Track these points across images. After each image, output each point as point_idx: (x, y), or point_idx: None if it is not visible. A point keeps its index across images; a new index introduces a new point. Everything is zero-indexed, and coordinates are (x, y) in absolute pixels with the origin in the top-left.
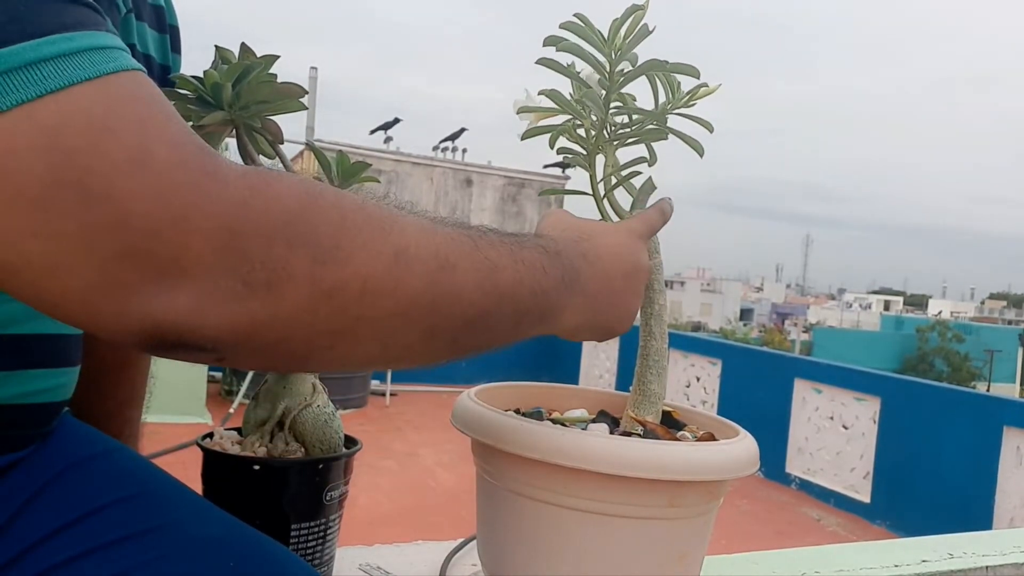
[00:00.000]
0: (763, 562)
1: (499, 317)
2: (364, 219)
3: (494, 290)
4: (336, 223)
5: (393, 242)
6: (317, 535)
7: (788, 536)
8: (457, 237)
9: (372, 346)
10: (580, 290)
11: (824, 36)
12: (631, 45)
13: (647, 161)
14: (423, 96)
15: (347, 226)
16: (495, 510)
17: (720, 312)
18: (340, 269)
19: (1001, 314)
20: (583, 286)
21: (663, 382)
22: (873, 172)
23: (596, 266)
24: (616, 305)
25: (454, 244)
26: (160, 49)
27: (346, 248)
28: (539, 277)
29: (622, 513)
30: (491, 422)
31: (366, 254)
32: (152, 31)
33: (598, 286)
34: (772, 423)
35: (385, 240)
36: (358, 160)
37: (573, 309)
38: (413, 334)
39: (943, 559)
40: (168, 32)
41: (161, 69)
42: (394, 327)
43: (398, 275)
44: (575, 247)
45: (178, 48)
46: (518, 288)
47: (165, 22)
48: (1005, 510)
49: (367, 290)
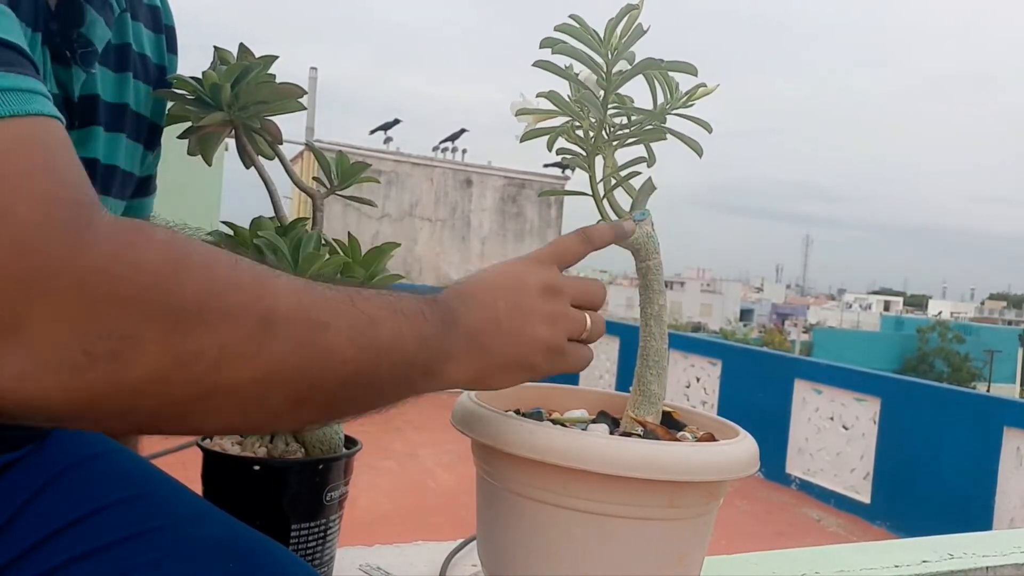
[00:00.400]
0: (763, 562)
1: (381, 372)
2: (232, 284)
3: (373, 344)
4: (201, 289)
5: (261, 306)
6: (317, 535)
7: (788, 537)
8: (332, 296)
9: (231, 414)
10: (463, 331)
11: (824, 36)
12: (627, 45)
13: (646, 161)
14: (423, 96)
15: (213, 291)
16: (495, 510)
17: (720, 312)
18: (197, 337)
19: (1001, 314)
20: (464, 326)
21: (663, 382)
22: (873, 172)
23: (471, 303)
24: (510, 334)
25: (328, 303)
26: (156, 49)
27: (208, 315)
28: (420, 324)
29: (622, 513)
30: (491, 422)
31: (228, 320)
32: (148, 31)
33: (479, 322)
34: (772, 424)
35: (253, 304)
36: (358, 160)
37: (461, 353)
38: (278, 400)
39: (943, 559)
40: (164, 32)
41: (157, 69)
42: (256, 394)
43: (261, 340)
44: (451, 290)
45: (175, 48)
46: (400, 340)
47: (161, 22)
48: (1005, 510)
49: (225, 357)
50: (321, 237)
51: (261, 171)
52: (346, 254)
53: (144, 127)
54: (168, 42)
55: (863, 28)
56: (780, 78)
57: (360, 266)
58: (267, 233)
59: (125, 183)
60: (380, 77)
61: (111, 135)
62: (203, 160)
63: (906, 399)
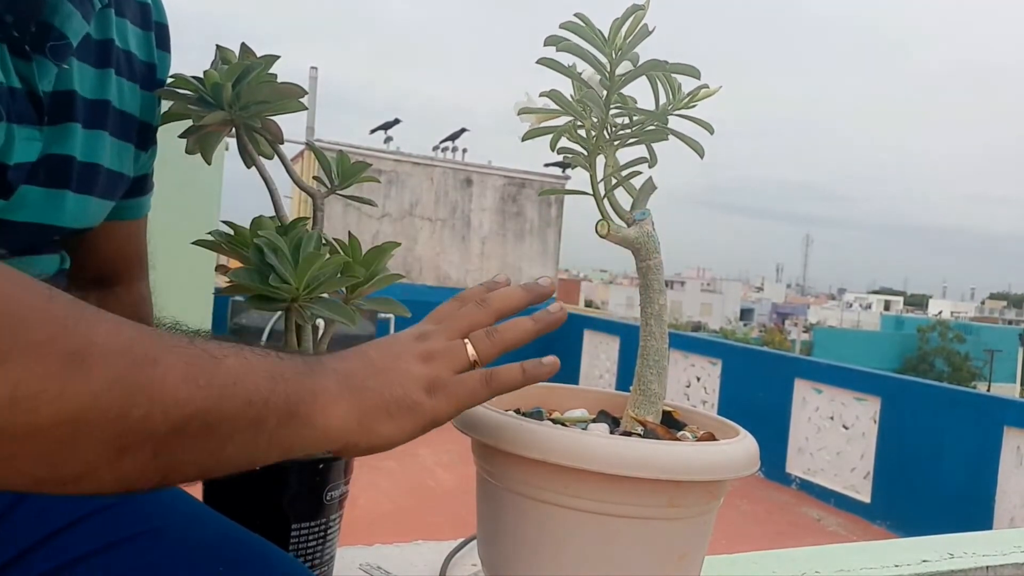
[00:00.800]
0: (763, 562)
1: (226, 414)
2: (40, 317)
3: (213, 381)
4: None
5: (72, 341)
6: (317, 535)
7: (788, 536)
8: (167, 335)
9: (33, 463)
10: (331, 371)
11: (824, 35)
12: (632, 45)
13: (647, 162)
14: (423, 96)
15: (12, 325)
16: (495, 510)
17: (720, 312)
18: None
19: (1001, 314)
20: (333, 368)
21: (663, 382)
22: (873, 172)
23: (338, 353)
24: (385, 372)
25: (160, 338)
26: (144, 46)
27: (5, 349)
28: (273, 362)
29: (622, 513)
30: (491, 422)
31: (28, 355)
32: (135, 28)
33: (350, 364)
34: (772, 423)
35: (63, 338)
36: (358, 160)
37: (333, 393)
38: (92, 447)
39: (943, 559)
40: (153, 29)
41: (145, 67)
42: (62, 440)
43: (68, 377)
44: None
45: (166, 46)
46: (248, 375)
47: (150, 19)
48: (1005, 510)
49: (20, 397)
50: (321, 237)
51: (262, 170)
52: (346, 254)
53: (132, 126)
54: (159, 39)
55: (865, 28)
56: (781, 78)
57: (360, 266)
58: (267, 233)
59: (113, 183)
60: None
61: (91, 132)
62: (203, 159)
63: (906, 399)
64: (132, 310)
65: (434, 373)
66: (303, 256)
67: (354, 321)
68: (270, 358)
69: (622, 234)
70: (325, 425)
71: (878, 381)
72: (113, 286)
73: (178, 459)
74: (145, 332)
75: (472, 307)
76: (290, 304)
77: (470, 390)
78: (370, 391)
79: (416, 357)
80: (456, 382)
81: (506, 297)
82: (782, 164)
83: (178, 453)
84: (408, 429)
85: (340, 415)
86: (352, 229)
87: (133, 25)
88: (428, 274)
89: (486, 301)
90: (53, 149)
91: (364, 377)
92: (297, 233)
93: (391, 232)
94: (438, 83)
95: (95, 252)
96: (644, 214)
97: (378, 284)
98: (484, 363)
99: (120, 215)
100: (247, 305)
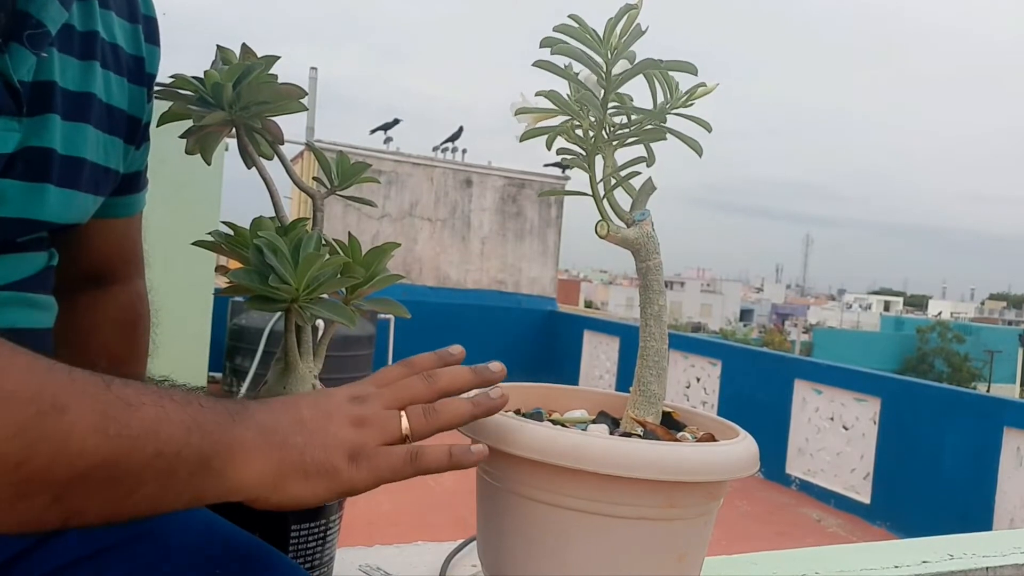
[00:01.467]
0: (763, 562)
1: (135, 465)
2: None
3: (123, 432)
4: None
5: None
6: (317, 536)
7: (788, 537)
8: (82, 378)
9: None
10: (255, 423)
11: (824, 35)
12: (627, 44)
13: (646, 161)
14: (423, 96)
15: None
16: (495, 510)
17: (720, 313)
18: None
19: (1001, 314)
20: (258, 420)
21: (663, 383)
22: (873, 172)
23: (269, 402)
24: (313, 432)
25: (73, 384)
26: (131, 39)
27: None
28: (194, 411)
29: (622, 514)
30: (491, 423)
31: None
32: (121, 20)
33: (276, 417)
34: (772, 424)
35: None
36: (358, 160)
37: (252, 447)
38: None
39: (943, 560)
40: (141, 22)
41: (133, 60)
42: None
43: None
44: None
45: (155, 40)
46: (162, 426)
47: (138, 12)
48: (1005, 510)
49: None
50: (321, 237)
51: (262, 171)
52: (346, 254)
53: (120, 121)
54: (147, 33)
55: (865, 28)
56: (781, 78)
57: (360, 266)
58: (267, 233)
59: (100, 178)
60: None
61: (72, 124)
62: (203, 160)
63: (906, 399)
64: (128, 309)
65: (361, 441)
66: (303, 256)
67: (354, 322)
68: (191, 407)
69: (622, 235)
70: (238, 479)
71: (878, 382)
72: (109, 284)
73: (80, 506)
74: (58, 375)
75: (417, 379)
76: (290, 305)
77: (393, 466)
78: (291, 449)
79: (348, 420)
80: (381, 454)
81: (454, 377)
82: (782, 164)
83: (80, 500)
84: (321, 493)
85: (256, 470)
86: (352, 229)
87: (119, 18)
88: (428, 274)
89: (433, 377)
90: (32, 141)
91: (288, 433)
92: (297, 234)
93: (391, 232)
94: (438, 83)
95: (89, 250)
96: (644, 215)
97: (378, 285)
98: (415, 439)
99: (114, 212)
100: (247, 305)
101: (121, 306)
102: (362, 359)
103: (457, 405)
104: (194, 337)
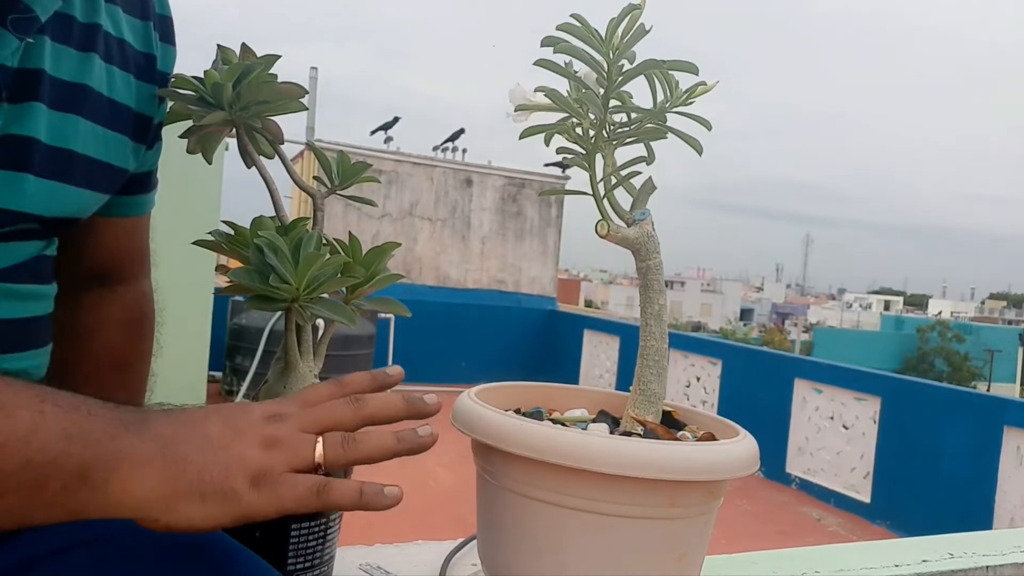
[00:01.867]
0: (763, 562)
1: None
2: None
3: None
4: None
5: None
6: (317, 535)
7: (788, 536)
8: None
9: None
10: (152, 435)
11: (824, 35)
12: (629, 44)
13: (646, 160)
14: (423, 96)
15: None
16: (495, 510)
17: (720, 312)
18: None
19: (1001, 314)
20: (157, 432)
21: (663, 382)
22: (873, 172)
23: (175, 414)
24: (217, 449)
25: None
26: (141, 36)
27: None
28: (79, 418)
29: (622, 513)
30: (491, 422)
31: None
32: (130, 16)
33: (179, 430)
34: (772, 423)
35: None
36: (358, 160)
37: (144, 460)
38: None
39: (943, 559)
40: (154, 20)
41: (143, 57)
42: None
43: None
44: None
45: (169, 38)
46: (38, 431)
47: (149, 10)
48: (1005, 510)
49: None
50: (322, 237)
51: (262, 171)
52: (347, 254)
53: (126, 117)
54: (161, 32)
55: (865, 28)
56: (781, 78)
57: (360, 266)
58: (268, 233)
59: (98, 173)
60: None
61: (60, 115)
62: (203, 159)
63: (906, 399)
64: (134, 308)
65: (267, 464)
66: (303, 256)
67: (354, 321)
68: (76, 413)
69: (622, 234)
70: (122, 494)
71: (878, 381)
72: (115, 283)
73: None
74: None
75: (344, 403)
76: (290, 304)
77: (297, 496)
78: (190, 465)
79: (258, 439)
80: (286, 482)
81: (384, 405)
82: (782, 164)
83: None
84: (216, 518)
85: (145, 486)
86: (352, 229)
87: (128, 14)
88: (428, 274)
89: (361, 401)
90: (13, 129)
91: (189, 449)
92: (297, 233)
93: (391, 232)
94: (438, 83)
95: (97, 248)
96: (644, 214)
97: (378, 284)
98: (328, 468)
99: (123, 211)
100: (247, 305)
101: (127, 305)
102: (362, 358)
103: (380, 438)
104: (194, 336)
